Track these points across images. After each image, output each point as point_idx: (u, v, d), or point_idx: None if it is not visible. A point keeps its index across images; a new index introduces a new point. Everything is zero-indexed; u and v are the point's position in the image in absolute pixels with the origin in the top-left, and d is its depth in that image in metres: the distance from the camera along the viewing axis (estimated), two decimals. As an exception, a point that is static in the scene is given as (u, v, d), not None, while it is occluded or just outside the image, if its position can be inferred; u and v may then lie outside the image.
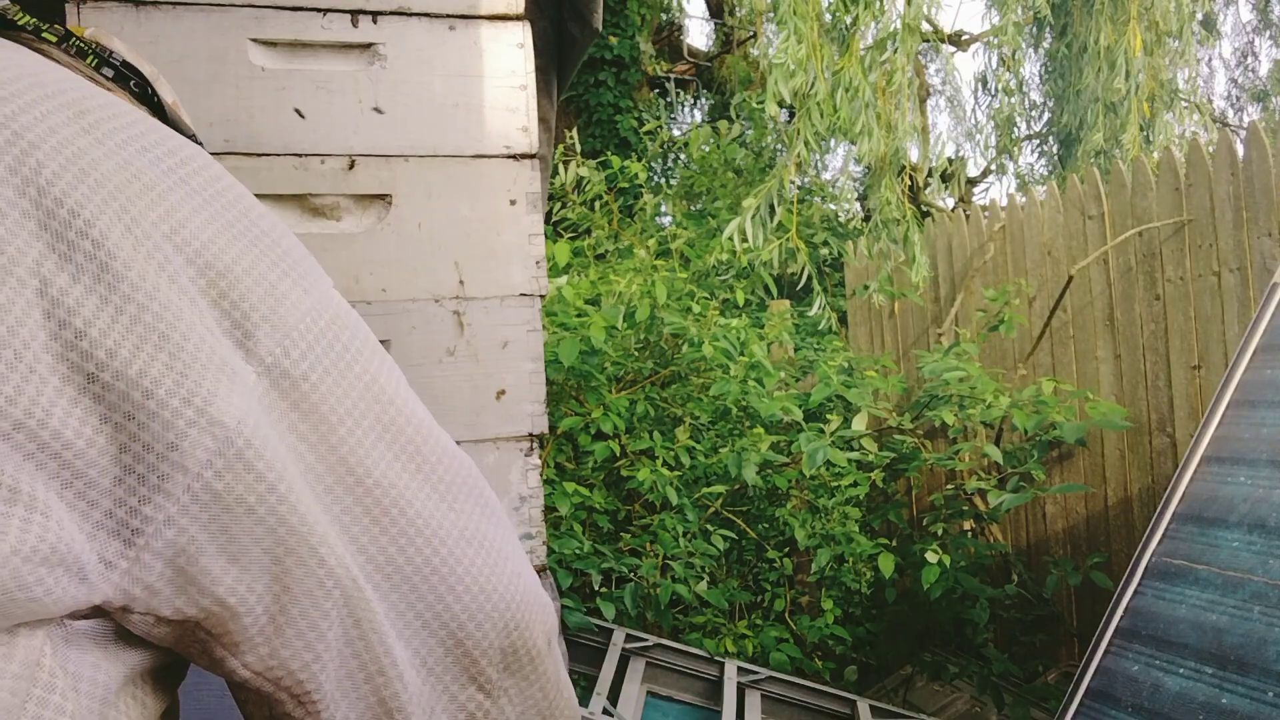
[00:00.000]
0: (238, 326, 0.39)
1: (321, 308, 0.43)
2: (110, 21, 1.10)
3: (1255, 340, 2.16)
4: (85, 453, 0.35)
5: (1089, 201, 3.38)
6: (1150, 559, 2.05)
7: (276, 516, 0.39)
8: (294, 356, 0.41)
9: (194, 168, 0.42)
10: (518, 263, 1.24)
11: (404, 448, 0.45)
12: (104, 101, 0.41)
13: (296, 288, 0.42)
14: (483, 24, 1.24)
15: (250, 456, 0.38)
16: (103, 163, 0.37)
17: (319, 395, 0.41)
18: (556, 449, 3.11)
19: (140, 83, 0.55)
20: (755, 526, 3.32)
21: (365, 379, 0.43)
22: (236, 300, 0.39)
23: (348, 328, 0.44)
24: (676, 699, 2.66)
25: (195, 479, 0.36)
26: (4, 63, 0.39)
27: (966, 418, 3.19)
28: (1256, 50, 9.01)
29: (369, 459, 0.43)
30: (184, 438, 0.36)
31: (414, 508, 0.45)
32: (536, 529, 1.23)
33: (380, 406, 0.44)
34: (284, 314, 0.41)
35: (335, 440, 0.42)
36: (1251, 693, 1.68)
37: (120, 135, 0.39)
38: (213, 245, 0.39)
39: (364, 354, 0.44)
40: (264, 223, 0.43)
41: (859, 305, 4.56)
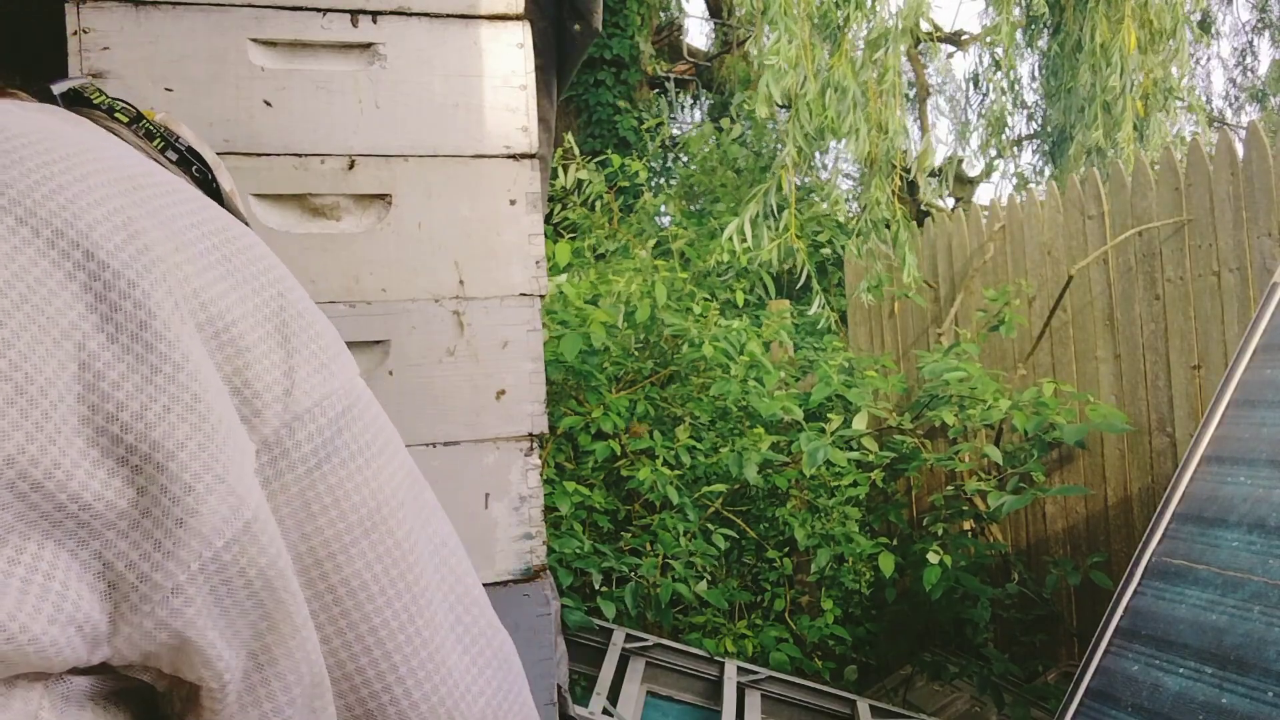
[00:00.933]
0: (246, 403, 0.40)
1: (338, 397, 0.43)
2: (110, 21, 1.10)
3: (1255, 340, 2.16)
4: (103, 515, 0.35)
5: (1089, 201, 3.38)
6: (1150, 559, 2.05)
7: (270, 592, 0.39)
8: (299, 438, 0.41)
9: (237, 247, 0.43)
10: (518, 263, 1.24)
11: (387, 552, 0.44)
12: (160, 179, 0.42)
13: (318, 373, 0.42)
14: (483, 24, 1.24)
15: (256, 530, 0.38)
16: (150, 231, 0.38)
17: (310, 481, 0.41)
18: (556, 449, 3.11)
19: (202, 169, 0.57)
20: (755, 526, 3.32)
21: (363, 476, 0.44)
22: (250, 379, 0.40)
23: (361, 420, 0.44)
24: (676, 699, 2.66)
25: (207, 547, 0.37)
26: (69, 137, 0.41)
27: (966, 418, 3.19)
28: (1256, 50, 9.01)
29: (343, 555, 0.43)
30: (202, 503, 0.36)
31: (380, 616, 0.44)
32: (536, 529, 1.23)
33: (370, 507, 0.44)
34: (297, 396, 0.41)
35: (312, 529, 0.42)
36: (1251, 693, 1.68)
37: (170, 210, 0.41)
38: (240, 321, 0.40)
39: (370, 451, 0.44)
40: (300, 305, 0.44)
41: (859, 305, 4.56)
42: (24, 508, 0.33)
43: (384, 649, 0.44)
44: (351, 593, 0.43)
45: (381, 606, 0.44)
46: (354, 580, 0.43)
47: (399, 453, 0.47)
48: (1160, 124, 4.42)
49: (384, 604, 0.44)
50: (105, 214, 0.37)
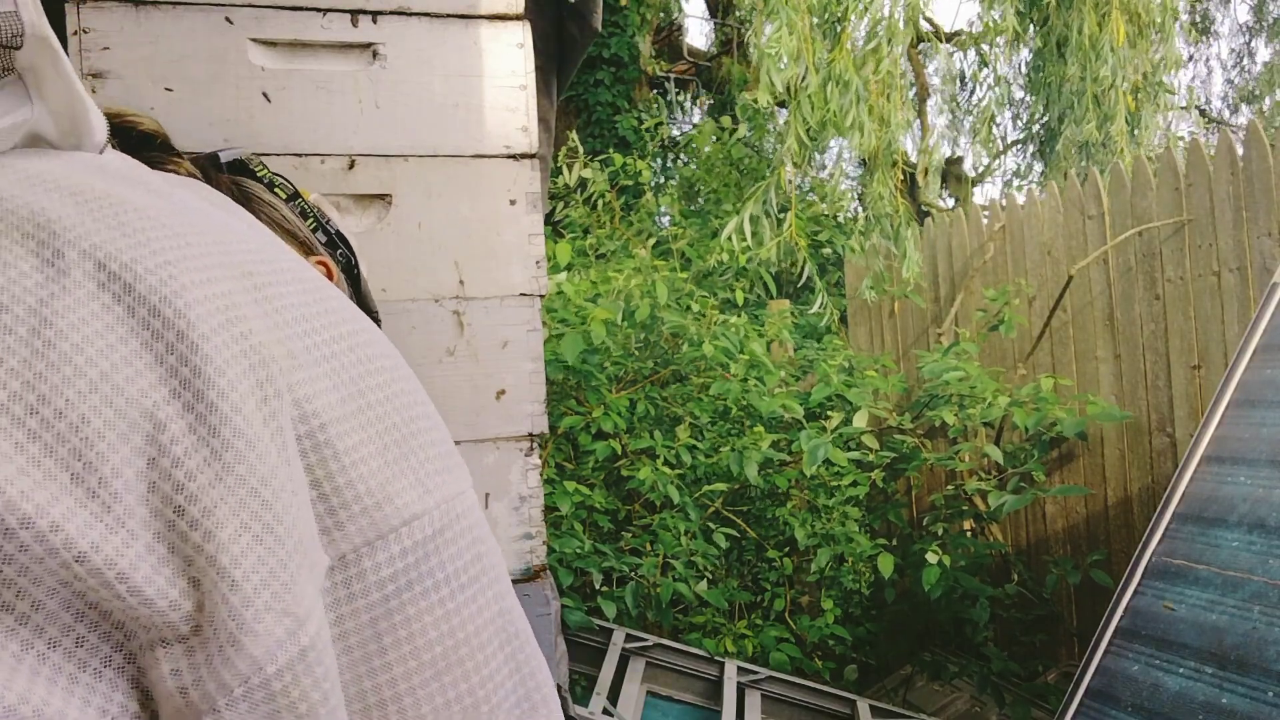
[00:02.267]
0: (331, 512, 0.37)
1: (432, 517, 0.40)
2: (110, 21, 1.10)
3: (1255, 340, 2.16)
4: (166, 614, 0.33)
5: (1089, 201, 3.38)
6: (1150, 559, 2.05)
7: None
8: (379, 559, 0.38)
9: (352, 344, 0.41)
10: (518, 263, 1.24)
11: (459, 698, 0.41)
12: (282, 267, 0.41)
13: (416, 488, 0.40)
14: (482, 24, 1.24)
15: (312, 659, 0.35)
16: (251, 319, 0.37)
17: (385, 609, 0.39)
18: (556, 449, 3.11)
19: (347, 253, 0.57)
20: (755, 527, 3.32)
21: (445, 610, 0.40)
22: (341, 485, 0.38)
23: (454, 545, 0.41)
24: (676, 699, 2.66)
25: (256, 672, 0.34)
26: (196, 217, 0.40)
27: (967, 417, 3.19)
28: (1253, 51, 9.01)
29: (409, 698, 0.39)
30: (259, 621, 0.34)
31: None
32: (536, 529, 1.23)
33: (447, 645, 0.40)
34: (388, 513, 0.39)
35: (380, 665, 0.39)
36: (1251, 693, 1.68)
37: (283, 300, 0.39)
38: (339, 424, 0.38)
39: (460, 580, 0.41)
40: (411, 412, 0.41)
41: (859, 305, 4.56)
42: (72, 595, 0.32)
43: None
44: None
45: None
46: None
47: (495, 583, 0.43)
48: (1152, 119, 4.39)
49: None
50: (206, 295, 0.36)
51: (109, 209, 0.37)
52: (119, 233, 0.36)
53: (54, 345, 0.33)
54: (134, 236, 0.36)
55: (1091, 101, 4.16)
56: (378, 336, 0.43)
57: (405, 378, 0.43)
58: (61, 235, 0.35)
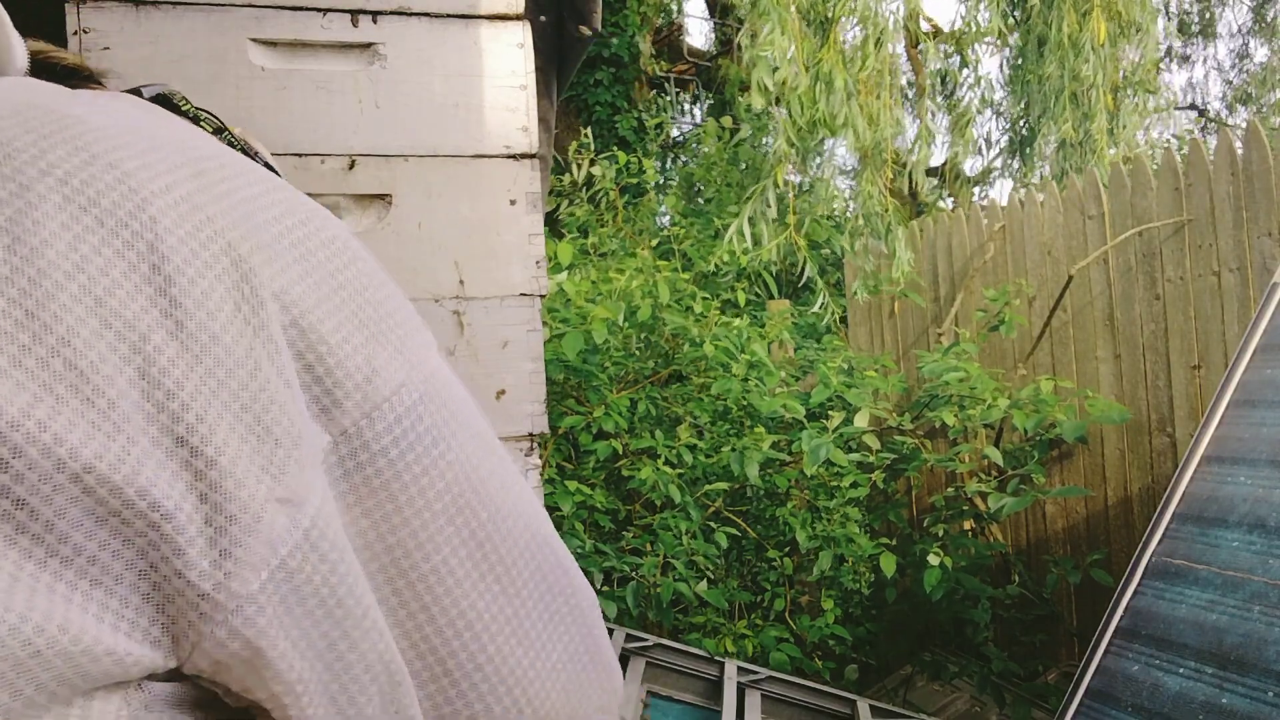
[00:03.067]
0: (327, 394, 0.39)
1: (415, 383, 0.42)
2: (110, 21, 1.10)
3: (1255, 340, 2.16)
4: (174, 516, 0.34)
5: (1089, 201, 3.38)
6: (1150, 559, 2.05)
7: (336, 600, 0.38)
8: (378, 429, 0.40)
9: (310, 230, 0.42)
10: (518, 263, 1.24)
11: (472, 535, 0.44)
12: (231, 161, 0.41)
13: (396, 359, 0.42)
14: (482, 24, 1.24)
15: (316, 538, 0.37)
16: (218, 219, 0.37)
17: (394, 472, 0.41)
18: (556, 449, 3.11)
19: None
20: (755, 526, 3.32)
21: (446, 460, 0.43)
22: (332, 366, 0.39)
23: (442, 403, 0.44)
24: (676, 699, 2.66)
25: (272, 554, 0.36)
26: (140, 121, 0.40)
27: (967, 418, 3.19)
28: (1251, 52, 9.01)
29: (430, 544, 0.42)
30: (267, 509, 0.35)
31: (468, 600, 0.44)
32: (537, 529, 1.23)
33: (456, 491, 0.43)
34: (377, 385, 0.40)
35: (399, 521, 0.41)
36: (1251, 693, 1.68)
37: (241, 194, 0.40)
38: (319, 308, 0.39)
39: (453, 434, 0.43)
40: (380, 290, 0.43)
41: (859, 305, 4.56)
42: (92, 503, 0.32)
43: (474, 633, 0.44)
44: (441, 580, 0.43)
45: (470, 593, 0.44)
46: (443, 568, 0.43)
47: (481, 429, 0.46)
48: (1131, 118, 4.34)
49: (471, 589, 0.44)
50: (173, 201, 0.36)
51: (55, 124, 0.37)
52: (72, 147, 0.36)
53: (31, 260, 0.33)
54: (89, 150, 0.36)
55: (1070, 100, 4.14)
56: (332, 219, 0.44)
57: (365, 257, 0.44)
58: (15, 156, 0.35)
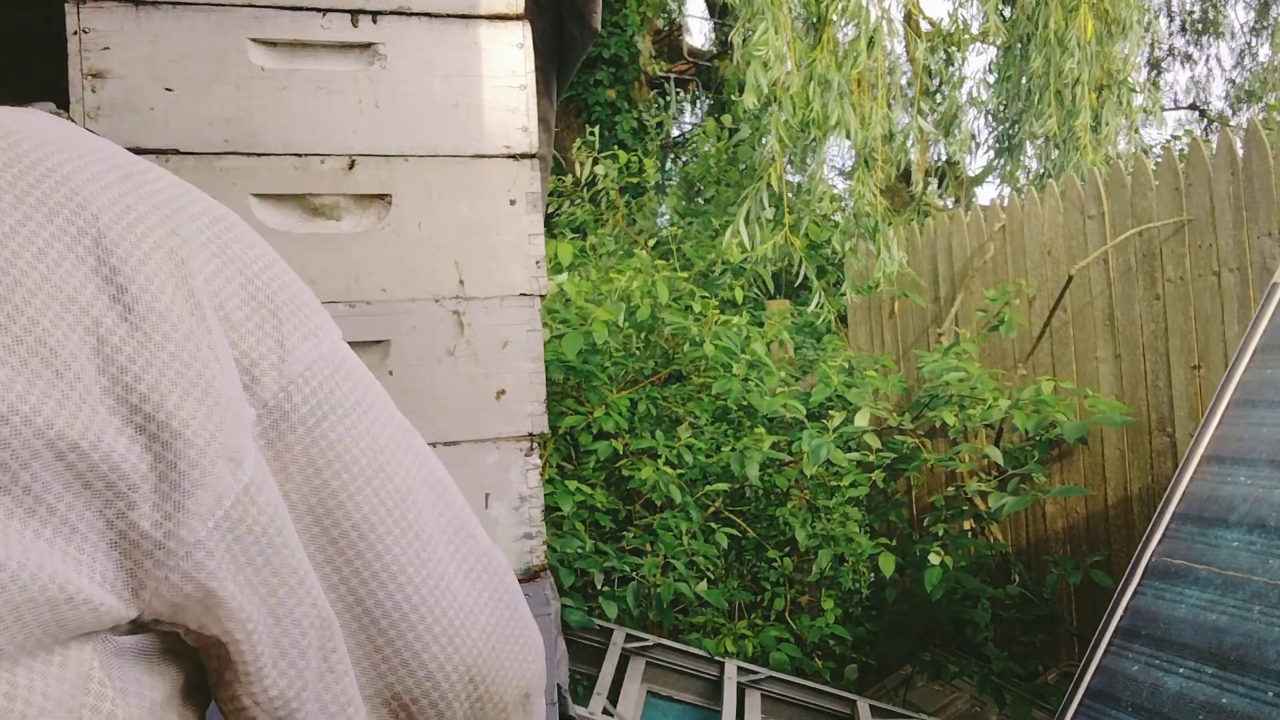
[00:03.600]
0: (246, 372, 0.44)
1: (326, 360, 0.48)
2: (110, 21, 1.10)
3: (1255, 340, 2.16)
4: (129, 476, 0.38)
5: (1089, 201, 3.38)
6: (1150, 559, 2.05)
7: (274, 549, 0.43)
8: (296, 401, 0.46)
9: (223, 227, 0.47)
10: (518, 263, 1.24)
11: (389, 495, 0.49)
12: (149, 169, 0.47)
13: (308, 340, 0.47)
14: (482, 24, 1.24)
15: (254, 491, 0.42)
16: (148, 217, 0.43)
17: (312, 439, 0.46)
18: (556, 449, 3.11)
19: None
20: (755, 526, 3.32)
21: (360, 429, 0.48)
22: (247, 349, 0.44)
23: (349, 380, 0.49)
24: (676, 699, 2.66)
25: (219, 505, 0.41)
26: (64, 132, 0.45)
27: (967, 418, 3.19)
28: (1254, 50, 9.00)
29: (350, 503, 0.47)
30: (213, 466, 0.40)
31: (390, 554, 0.49)
32: (536, 529, 1.23)
33: (369, 456, 0.48)
34: (290, 363, 0.46)
35: (319, 483, 0.46)
36: (1251, 693, 1.68)
37: (163, 195, 0.45)
38: (234, 298, 0.45)
39: (362, 406, 0.49)
40: (284, 279, 0.49)
41: (859, 304, 4.56)
42: (62, 467, 0.37)
43: (396, 582, 0.49)
44: (362, 535, 0.48)
45: (390, 545, 0.48)
46: (363, 524, 0.48)
47: (387, 404, 0.52)
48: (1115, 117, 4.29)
49: (392, 542, 0.48)
50: (109, 200, 0.41)
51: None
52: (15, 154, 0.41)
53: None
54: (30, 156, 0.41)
55: (1054, 97, 4.13)
56: (237, 218, 0.50)
57: (271, 252, 0.50)
58: None
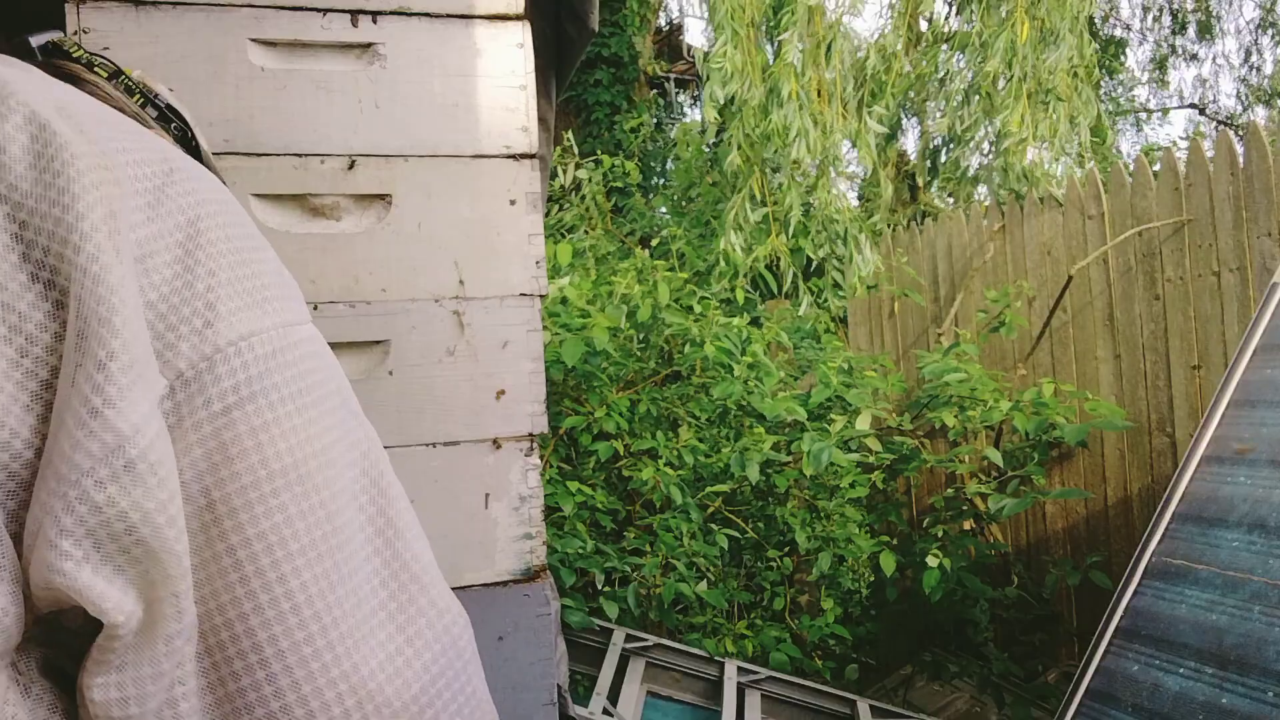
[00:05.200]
0: (159, 336, 0.38)
1: (269, 336, 0.41)
2: (110, 21, 1.10)
3: (1255, 340, 2.16)
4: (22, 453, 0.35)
5: (1089, 201, 3.38)
6: (1150, 559, 2.05)
7: (156, 534, 0.37)
8: (218, 372, 0.39)
9: (175, 179, 0.42)
10: (518, 263, 1.24)
11: (312, 509, 0.41)
12: (95, 108, 0.42)
13: (247, 310, 0.40)
14: (482, 24, 1.24)
15: (142, 469, 0.36)
16: (83, 156, 0.38)
17: (228, 420, 0.39)
18: (556, 449, 3.11)
19: (181, 125, 0.58)
20: (754, 526, 3.32)
21: (288, 424, 0.40)
22: (166, 310, 0.38)
23: (297, 366, 0.41)
24: (676, 699, 2.66)
25: (74, 486, 0.35)
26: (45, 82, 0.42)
27: (967, 419, 3.19)
28: (1260, 49, 9.00)
29: (260, 506, 0.39)
30: (75, 436, 0.35)
31: (297, 578, 0.40)
32: (536, 529, 1.23)
33: (292, 457, 0.40)
34: (220, 329, 0.39)
35: (228, 474, 0.39)
36: (1251, 693, 1.68)
37: (101, 131, 0.40)
38: (164, 251, 0.39)
39: (303, 399, 0.41)
40: (238, 241, 0.42)
41: (859, 304, 4.56)
42: None
43: (281, 617, 0.39)
44: (266, 549, 0.39)
45: (289, 572, 0.40)
46: (270, 535, 0.39)
47: (343, 408, 0.44)
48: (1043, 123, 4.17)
49: (292, 568, 0.40)
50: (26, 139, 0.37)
51: None
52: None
53: None
54: None
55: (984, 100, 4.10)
56: (205, 174, 0.44)
57: (234, 211, 0.43)
58: None
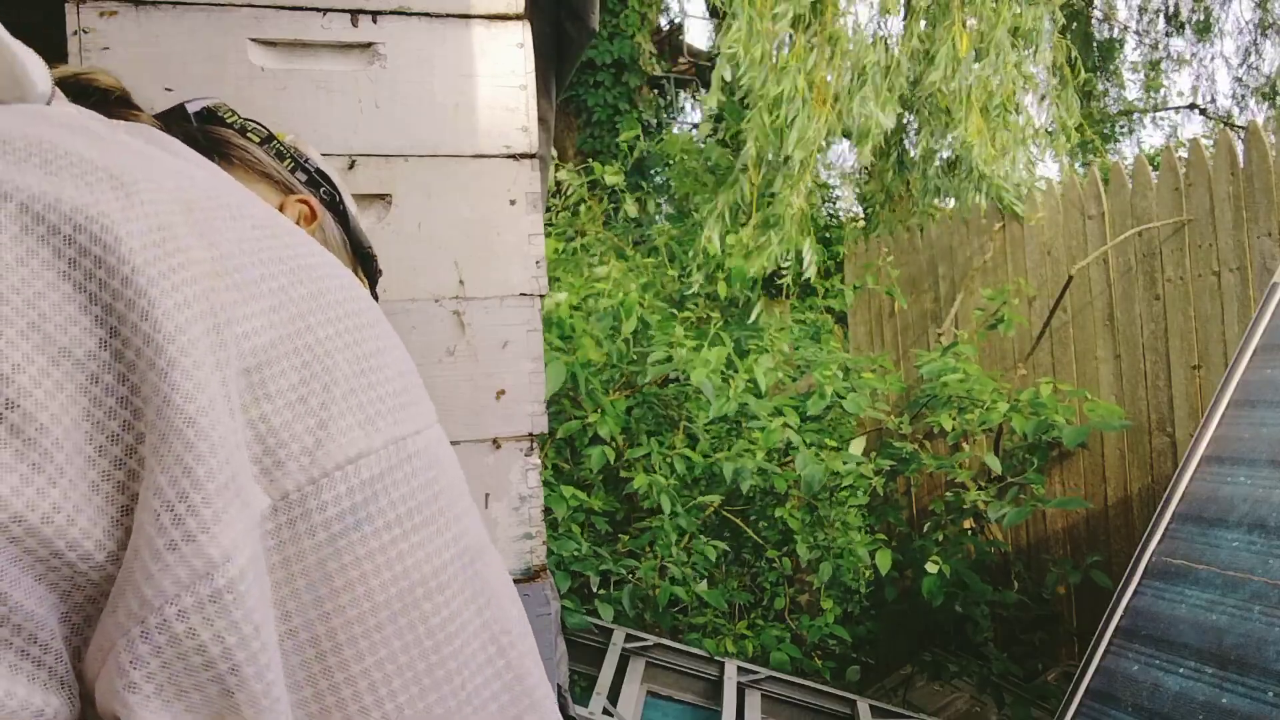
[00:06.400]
0: (269, 453, 0.36)
1: (379, 456, 0.38)
2: (110, 21, 1.10)
3: (1255, 340, 2.16)
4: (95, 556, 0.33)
5: (1089, 201, 3.38)
6: (1150, 559, 2.05)
7: (235, 672, 0.34)
8: (324, 498, 0.36)
9: (301, 277, 0.39)
10: (518, 263, 1.24)
11: (418, 640, 0.38)
12: (228, 200, 0.40)
13: (359, 428, 0.38)
14: (482, 24, 1.24)
15: (228, 600, 0.33)
16: (191, 250, 0.36)
17: (334, 549, 0.36)
18: (554, 451, 3.11)
19: (330, 190, 0.56)
20: (754, 526, 3.32)
21: (403, 547, 0.38)
22: (277, 425, 0.36)
23: (408, 484, 0.39)
24: (676, 699, 2.66)
25: (155, 613, 0.33)
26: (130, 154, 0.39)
27: (965, 422, 3.18)
28: (1260, 49, 9.00)
29: (364, 641, 0.37)
30: (163, 558, 0.33)
31: (401, 716, 0.38)
32: (536, 529, 1.23)
33: (401, 585, 0.38)
34: (330, 450, 0.37)
35: (333, 607, 0.37)
36: (1251, 693, 1.68)
37: (223, 233, 0.38)
38: (279, 360, 0.36)
39: (413, 520, 0.39)
40: (364, 347, 0.40)
41: (860, 304, 4.56)
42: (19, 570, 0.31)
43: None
44: (372, 687, 0.37)
45: (403, 707, 0.38)
46: (375, 672, 0.37)
47: (454, 524, 0.41)
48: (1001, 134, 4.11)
49: (406, 704, 0.38)
50: (141, 229, 0.35)
51: (36, 153, 0.36)
52: (44, 173, 0.35)
53: None
54: (60, 176, 0.35)
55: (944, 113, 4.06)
56: (338, 271, 0.42)
57: (363, 312, 0.41)
58: None
